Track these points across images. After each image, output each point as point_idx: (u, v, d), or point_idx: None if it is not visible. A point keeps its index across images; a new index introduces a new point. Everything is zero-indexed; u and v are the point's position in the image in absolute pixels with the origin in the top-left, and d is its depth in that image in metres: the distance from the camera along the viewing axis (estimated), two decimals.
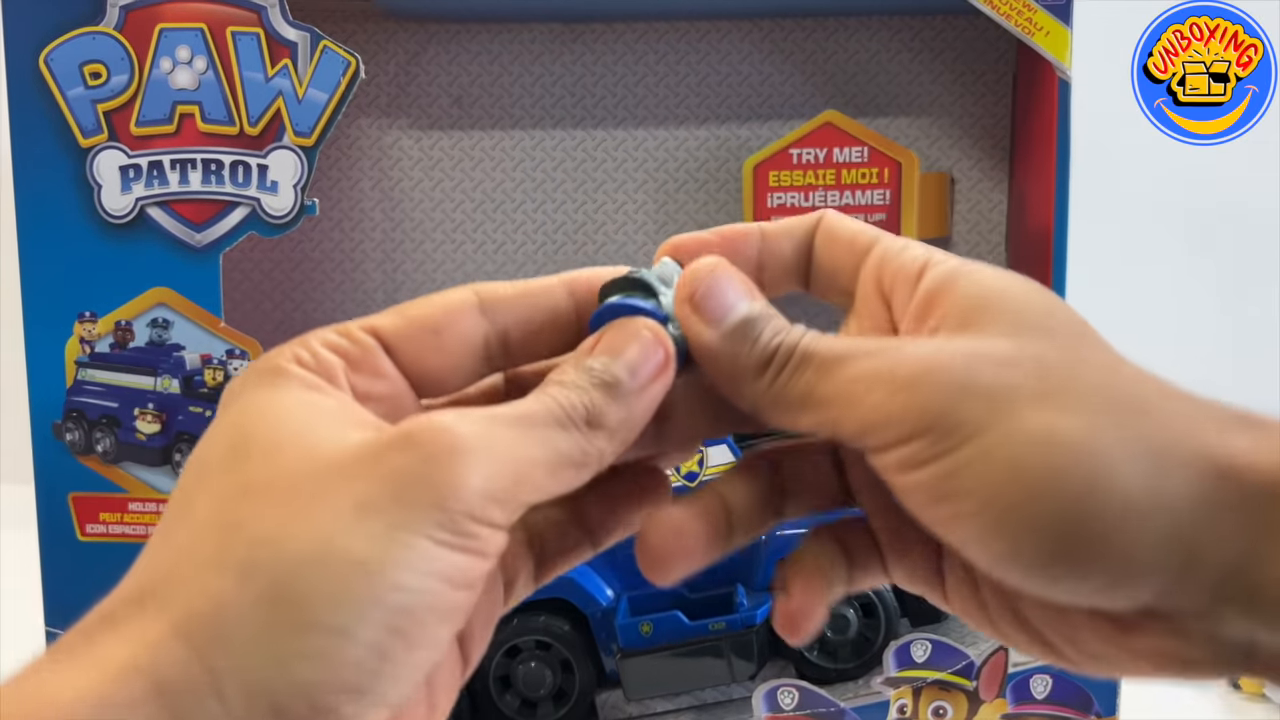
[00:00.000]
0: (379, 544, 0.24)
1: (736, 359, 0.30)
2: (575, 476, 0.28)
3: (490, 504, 0.26)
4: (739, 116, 0.75)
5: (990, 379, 0.26)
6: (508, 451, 0.26)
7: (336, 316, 0.76)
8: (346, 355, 0.29)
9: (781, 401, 0.29)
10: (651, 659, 0.62)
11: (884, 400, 0.27)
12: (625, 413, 0.29)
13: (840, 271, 0.33)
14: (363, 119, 0.74)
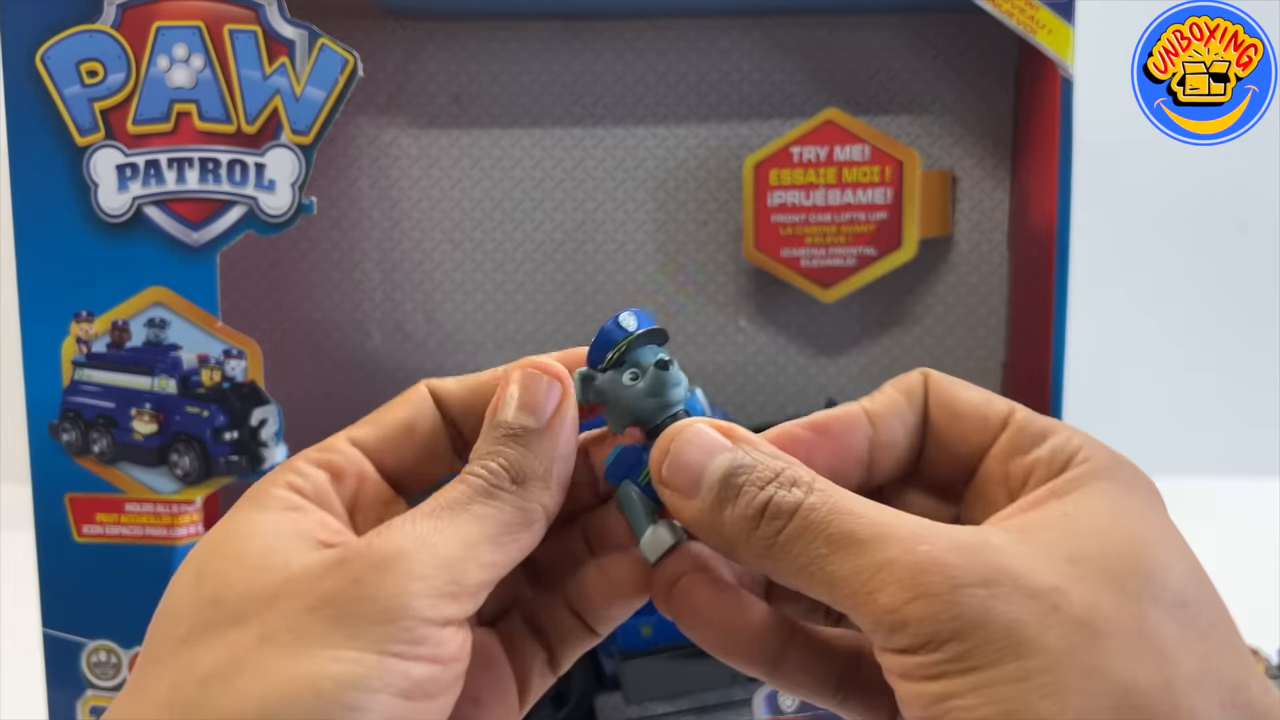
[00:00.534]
0: (328, 667, 0.24)
1: (722, 527, 0.28)
2: (527, 538, 0.28)
3: (440, 601, 0.26)
4: (739, 114, 0.75)
5: (1018, 611, 0.24)
6: (441, 543, 0.26)
7: (335, 315, 0.76)
8: (331, 468, 0.30)
9: (785, 567, 0.27)
10: (652, 661, 0.62)
11: (899, 603, 0.25)
12: (547, 454, 0.29)
13: (964, 451, 0.30)
14: (361, 117, 0.74)
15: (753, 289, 0.76)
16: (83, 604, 0.61)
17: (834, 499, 0.26)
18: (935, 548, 0.25)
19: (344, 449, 0.31)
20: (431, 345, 0.76)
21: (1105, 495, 0.27)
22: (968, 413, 0.30)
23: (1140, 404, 1.08)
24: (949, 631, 0.24)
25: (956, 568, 0.24)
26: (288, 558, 0.27)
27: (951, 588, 0.24)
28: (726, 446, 0.28)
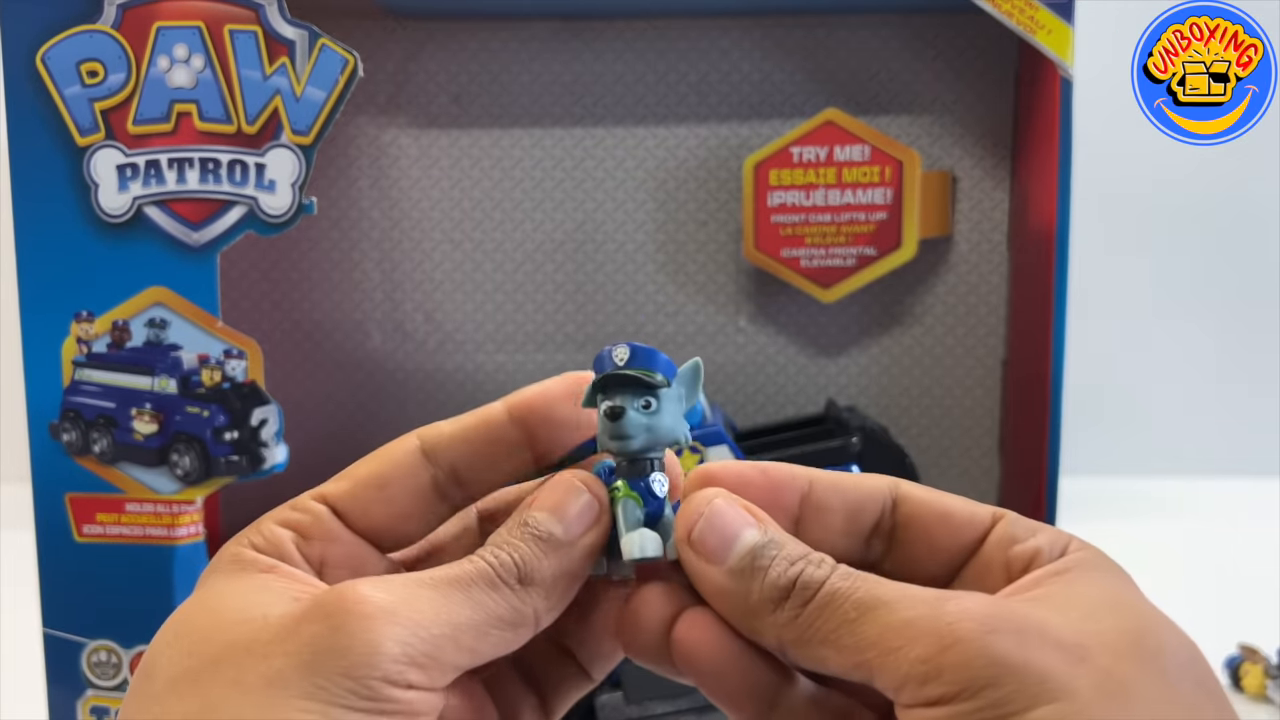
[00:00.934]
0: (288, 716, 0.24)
1: (748, 597, 0.28)
2: (511, 637, 0.28)
3: (410, 669, 0.26)
4: (739, 114, 0.75)
5: (1050, 660, 0.25)
6: (430, 614, 0.26)
7: (335, 315, 0.76)
8: (297, 528, 0.30)
9: (808, 639, 0.27)
10: None
11: (931, 654, 0.25)
12: (559, 567, 0.29)
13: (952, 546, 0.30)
14: (361, 117, 0.74)
15: (753, 289, 0.76)
16: (83, 604, 0.61)
17: (855, 575, 0.27)
18: (964, 603, 0.26)
19: (310, 507, 0.30)
20: (431, 345, 0.76)
21: (1106, 576, 0.28)
22: (955, 506, 0.30)
23: (1140, 404, 1.08)
24: (985, 678, 0.24)
25: (988, 617, 0.25)
26: (266, 610, 0.27)
27: (985, 633, 0.25)
28: (756, 521, 0.29)
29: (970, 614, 0.25)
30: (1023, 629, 0.25)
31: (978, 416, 0.77)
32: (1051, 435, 0.66)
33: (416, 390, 0.76)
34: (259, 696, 0.25)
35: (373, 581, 0.27)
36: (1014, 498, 0.74)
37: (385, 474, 0.31)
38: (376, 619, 0.26)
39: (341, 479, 0.31)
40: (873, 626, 0.26)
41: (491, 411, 0.32)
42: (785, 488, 0.31)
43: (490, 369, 0.76)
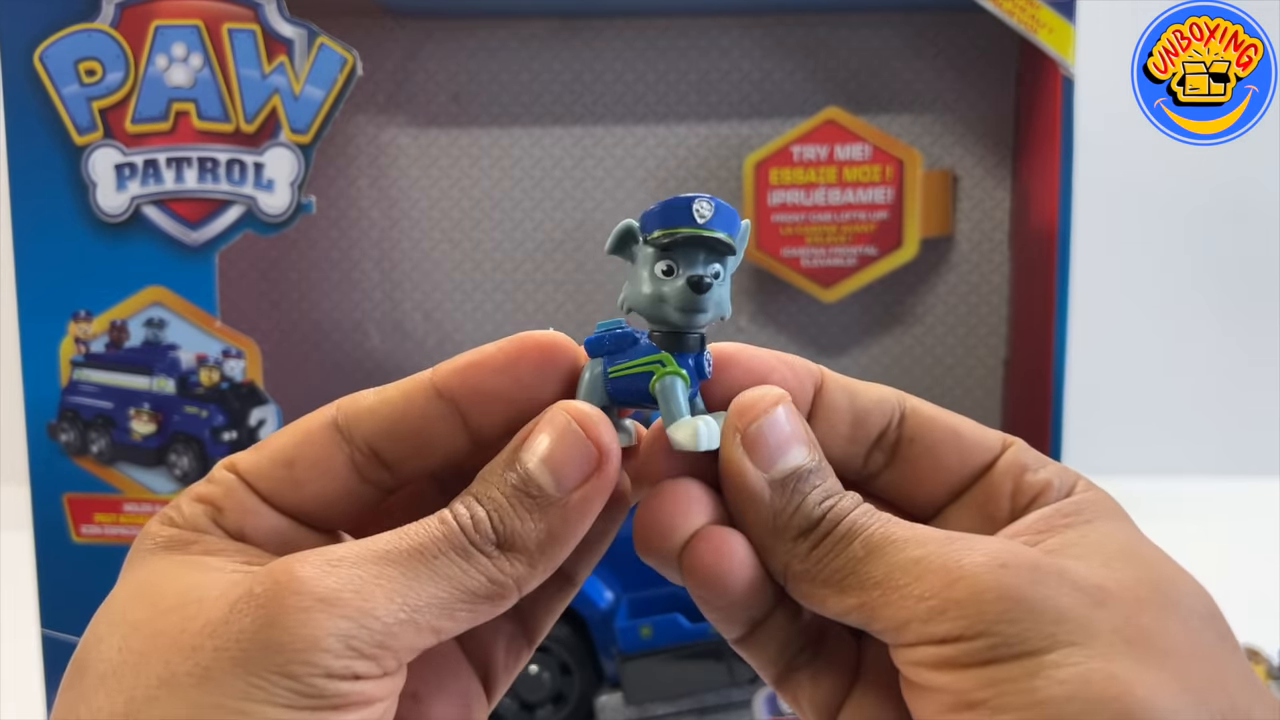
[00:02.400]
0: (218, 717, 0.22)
1: (778, 515, 0.26)
2: (485, 611, 0.25)
3: (356, 661, 0.23)
4: (740, 113, 0.74)
5: (1066, 601, 0.23)
6: (382, 598, 0.23)
7: (334, 315, 0.76)
8: (209, 500, 0.27)
9: (814, 575, 0.25)
10: (652, 662, 0.62)
11: (939, 588, 0.23)
12: (548, 528, 0.25)
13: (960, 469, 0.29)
14: (360, 116, 0.74)
15: (753, 289, 0.76)
16: (81, 604, 0.60)
17: (876, 514, 0.26)
18: (972, 541, 0.24)
19: (220, 477, 0.27)
20: (430, 344, 0.76)
21: (1118, 523, 0.27)
22: (965, 428, 0.29)
23: (1141, 403, 1.08)
24: (996, 613, 0.23)
25: (1000, 551, 0.24)
26: (200, 593, 0.24)
27: (997, 567, 0.23)
28: (807, 442, 0.27)
29: (981, 549, 0.24)
30: (1038, 566, 0.23)
31: (979, 416, 0.76)
32: (1053, 434, 0.65)
33: None
34: (189, 695, 0.23)
35: (314, 559, 0.24)
36: None
37: (293, 452, 0.27)
38: (314, 610, 0.23)
39: (254, 449, 0.28)
40: (879, 565, 0.25)
41: (416, 383, 0.28)
42: (803, 381, 0.28)
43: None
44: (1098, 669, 0.22)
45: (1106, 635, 0.23)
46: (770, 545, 0.26)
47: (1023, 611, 0.23)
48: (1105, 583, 0.24)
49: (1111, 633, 0.23)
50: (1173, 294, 1.08)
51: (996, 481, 0.28)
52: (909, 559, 0.24)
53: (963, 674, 0.23)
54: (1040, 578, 0.23)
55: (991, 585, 0.23)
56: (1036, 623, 0.23)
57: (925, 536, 0.25)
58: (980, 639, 0.23)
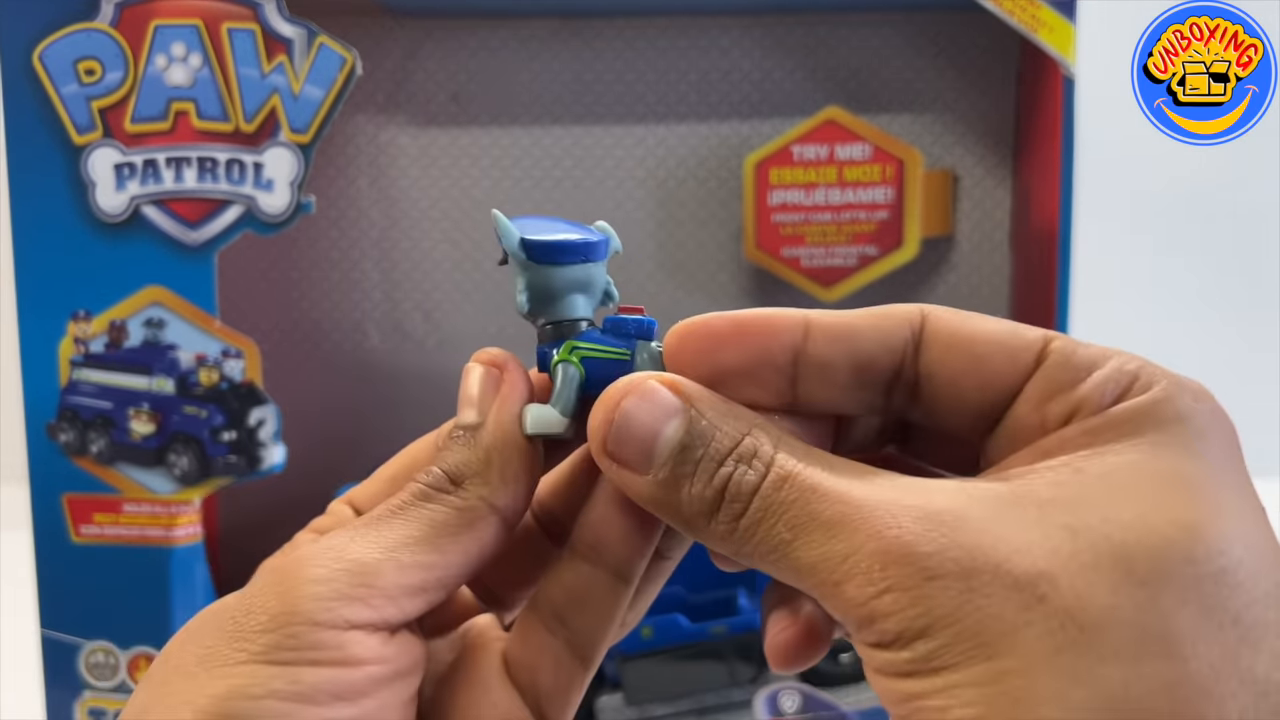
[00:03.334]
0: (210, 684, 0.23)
1: (679, 509, 0.25)
2: (469, 537, 0.26)
3: (341, 603, 0.24)
4: (740, 113, 0.74)
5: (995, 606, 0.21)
6: (355, 547, 0.25)
7: (334, 315, 0.76)
8: (319, 531, 0.29)
9: (748, 552, 0.24)
10: (652, 662, 0.62)
11: (868, 597, 0.22)
12: (487, 447, 0.27)
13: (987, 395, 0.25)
14: (359, 116, 0.74)
15: (753, 289, 0.76)
16: (80, 605, 0.60)
17: (797, 473, 0.23)
18: (905, 530, 0.22)
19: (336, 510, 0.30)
20: (430, 345, 0.76)
21: (1144, 444, 0.23)
22: (989, 350, 0.25)
23: None
24: (918, 629, 0.21)
25: (928, 556, 0.21)
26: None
27: (922, 580, 0.21)
28: (678, 409, 0.25)
29: (910, 551, 0.22)
30: (969, 568, 0.21)
31: None
32: None
33: (415, 391, 0.76)
34: (190, 676, 0.24)
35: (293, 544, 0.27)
36: None
37: (406, 474, 0.29)
38: (291, 570, 0.24)
39: (370, 480, 0.30)
40: (810, 552, 0.23)
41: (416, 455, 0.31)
42: (771, 343, 0.26)
43: None
44: (1010, 687, 0.20)
45: (1034, 642, 0.20)
46: (698, 537, 0.25)
47: (944, 627, 0.21)
48: (1052, 567, 0.21)
49: (1040, 638, 0.20)
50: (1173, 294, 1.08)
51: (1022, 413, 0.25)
52: (840, 552, 0.22)
53: (892, 682, 0.22)
54: (970, 585, 0.21)
55: (915, 599, 0.21)
56: (956, 636, 0.21)
57: (855, 518, 0.22)
58: (905, 650, 0.22)
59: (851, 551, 0.22)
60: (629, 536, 0.27)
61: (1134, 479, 0.22)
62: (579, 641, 0.27)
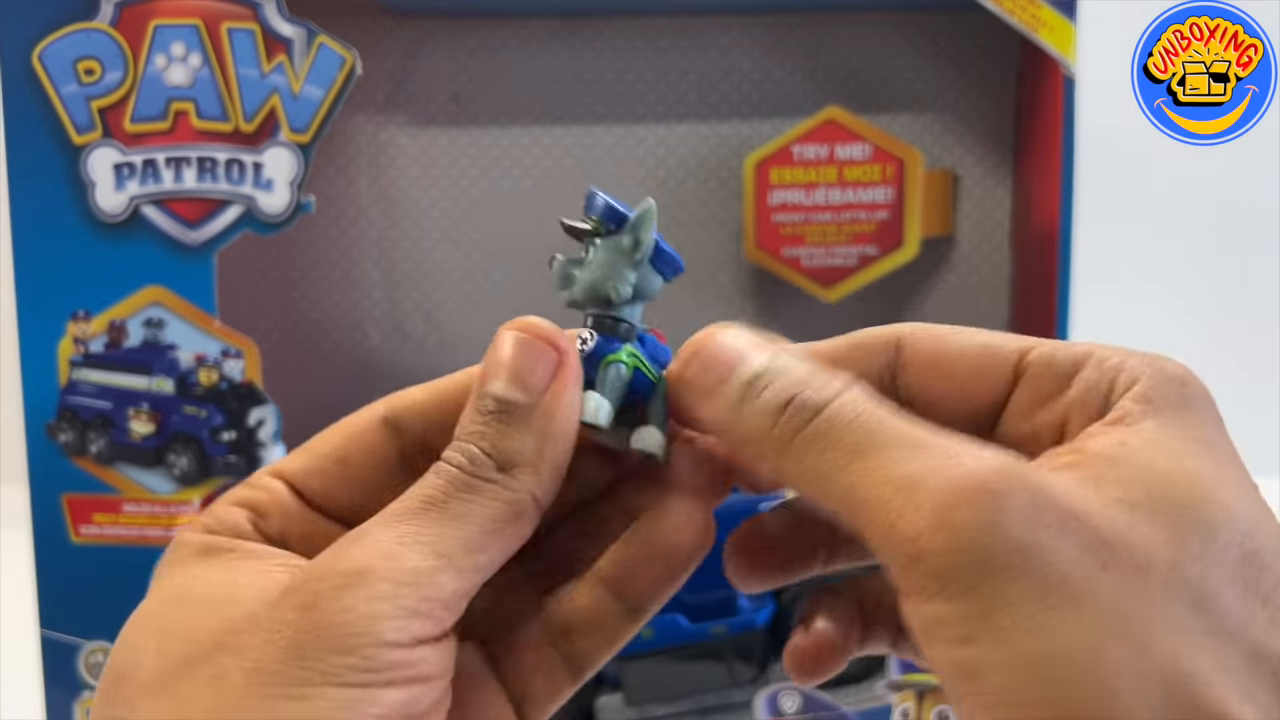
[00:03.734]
0: (283, 708, 0.22)
1: (741, 422, 0.25)
2: (512, 534, 0.25)
3: (411, 620, 0.23)
4: (740, 113, 0.74)
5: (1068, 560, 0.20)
6: (411, 554, 0.23)
7: (333, 315, 0.76)
8: (253, 505, 0.27)
9: (800, 470, 0.24)
10: (652, 662, 0.62)
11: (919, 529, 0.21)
12: (538, 434, 0.25)
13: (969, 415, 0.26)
14: (359, 116, 0.74)
15: (753, 288, 0.76)
16: (80, 605, 0.60)
17: (864, 405, 0.23)
18: (974, 466, 0.21)
19: (266, 483, 0.27)
20: (430, 345, 0.76)
21: (1164, 424, 0.23)
22: (967, 369, 0.26)
23: None
24: (973, 574, 0.20)
25: (994, 496, 0.20)
26: (238, 594, 0.24)
27: (987, 519, 0.20)
28: (765, 347, 0.26)
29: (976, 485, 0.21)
30: (1038, 516, 0.20)
31: None
32: None
33: None
34: (240, 692, 0.22)
35: (340, 545, 0.24)
36: None
37: (346, 449, 0.27)
38: (354, 583, 0.22)
39: (300, 453, 0.28)
40: (864, 477, 0.22)
41: (467, 375, 0.28)
42: None
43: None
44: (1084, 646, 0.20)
45: (1101, 604, 0.20)
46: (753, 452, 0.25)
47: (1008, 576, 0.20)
48: (1114, 534, 0.21)
49: (1105, 609, 0.20)
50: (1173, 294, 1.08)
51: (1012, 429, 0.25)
52: (896, 478, 0.22)
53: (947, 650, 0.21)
54: (1038, 537, 0.20)
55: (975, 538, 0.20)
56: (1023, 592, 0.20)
57: (919, 447, 0.22)
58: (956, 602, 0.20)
59: (910, 480, 0.21)
60: (662, 585, 0.28)
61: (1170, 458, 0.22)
62: (577, 660, 0.28)
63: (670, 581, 0.28)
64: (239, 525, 0.27)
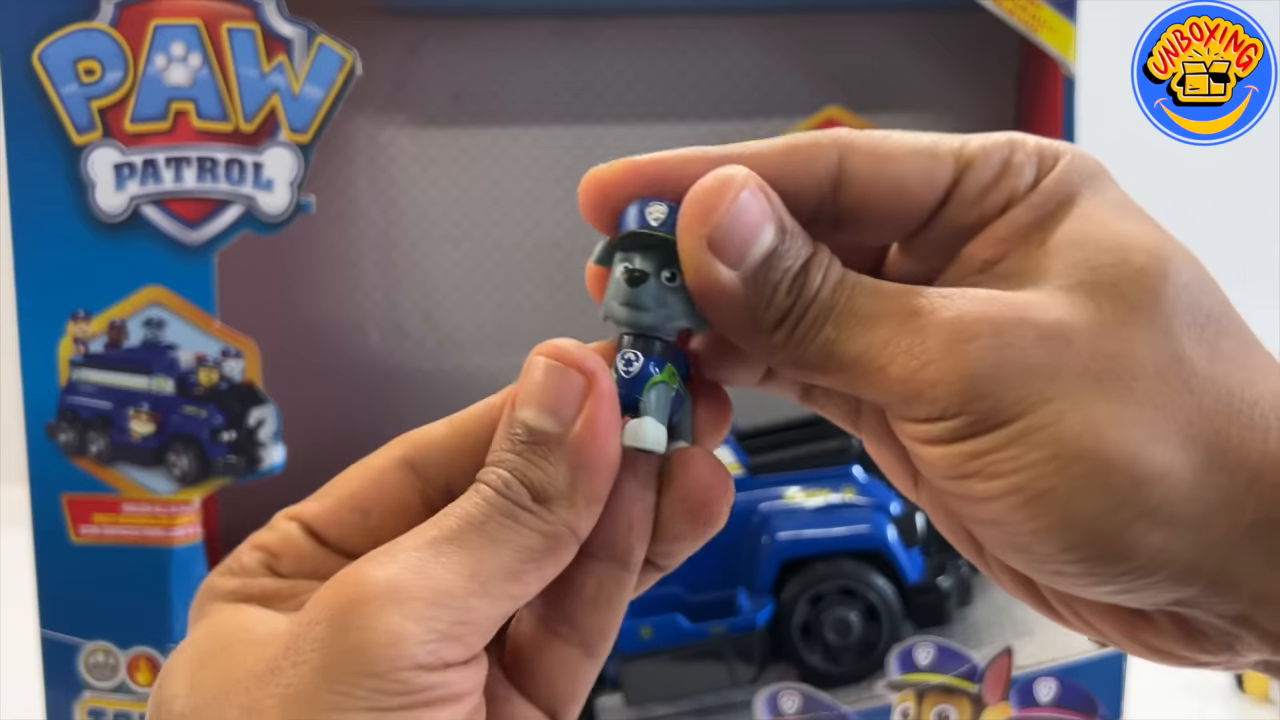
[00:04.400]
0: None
1: (753, 311, 0.25)
2: (550, 567, 0.24)
3: (442, 644, 0.22)
4: (741, 113, 0.74)
5: (1032, 356, 0.23)
6: (449, 575, 0.23)
7: (333, 315, 0.76)
8: (266, 548, 0.26)
9: (799, 361, 0.25)
10: (652, 663, 0.62)
11: (911, 372, 0.23)
12: (569, 467, 0.24)
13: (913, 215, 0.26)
14: (359, 115, 0.74)
15: None
16: (80, 605, 0.60)
17: (850, 285, 0.25)
18: (933, 307, 0.24)
19: (279, 526, 0.26)
20: (430, 345, 0.76)
21: (1081, 201, 0.25)
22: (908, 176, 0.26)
23: None
24: (965, 393, 0.23)
25: (957, 320, 0.23)
26: (272, 621, 0.24)
27: (958, 344, 0.23)
28: (771, 214, 0.25)
29: (942, 323, 0.23)
30: (999, 326, 0.23)
31: None
32: None
33: (415, 391, 0.76)
34: (277, 717, 0.22)
35: (373, 558, 0.23)
36: None
37: (367, 497, 0.26)
38: (386, 603, 0.22)
39: (321, 496, 0.27)
40: (856, 344, 0.24)
41: (489, 410, 0.27)
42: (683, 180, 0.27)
43: (489, 369, 0.76)
44: (1071, 422, 0.23)
45: (1075, 380, 0.23)
46: (750, 339, 0.25)
47: (992, 385, 0.23)
48: (1066, 314, 0.23)
49: (1079, 375, 0.23)
50: None
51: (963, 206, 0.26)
52: (879, 340, 0.24)
53: (948, 449, 0.23)
54: (1003, 340, 0.23)
55: (956, 366, 0.23)
56: (1007, 391, 0.23)
57: (891, 307, 0.24)
58: (958, 418, 0.23)
59: (889, 336, 0.24)
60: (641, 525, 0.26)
61: (1091, 230, 0.25)
62: (590, 640, 0.27)
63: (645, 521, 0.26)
64: (254, 568, 0.26)
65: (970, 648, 0.63)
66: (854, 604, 0.64)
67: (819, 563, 0.64)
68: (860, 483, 0.66)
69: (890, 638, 0.64)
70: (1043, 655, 0.62)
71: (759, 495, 0.65)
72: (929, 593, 0.65)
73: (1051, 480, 0.23)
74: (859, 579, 0.64)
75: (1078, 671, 0.62)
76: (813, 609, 0.64)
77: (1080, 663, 0.62)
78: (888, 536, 0.64)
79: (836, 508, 0.65)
